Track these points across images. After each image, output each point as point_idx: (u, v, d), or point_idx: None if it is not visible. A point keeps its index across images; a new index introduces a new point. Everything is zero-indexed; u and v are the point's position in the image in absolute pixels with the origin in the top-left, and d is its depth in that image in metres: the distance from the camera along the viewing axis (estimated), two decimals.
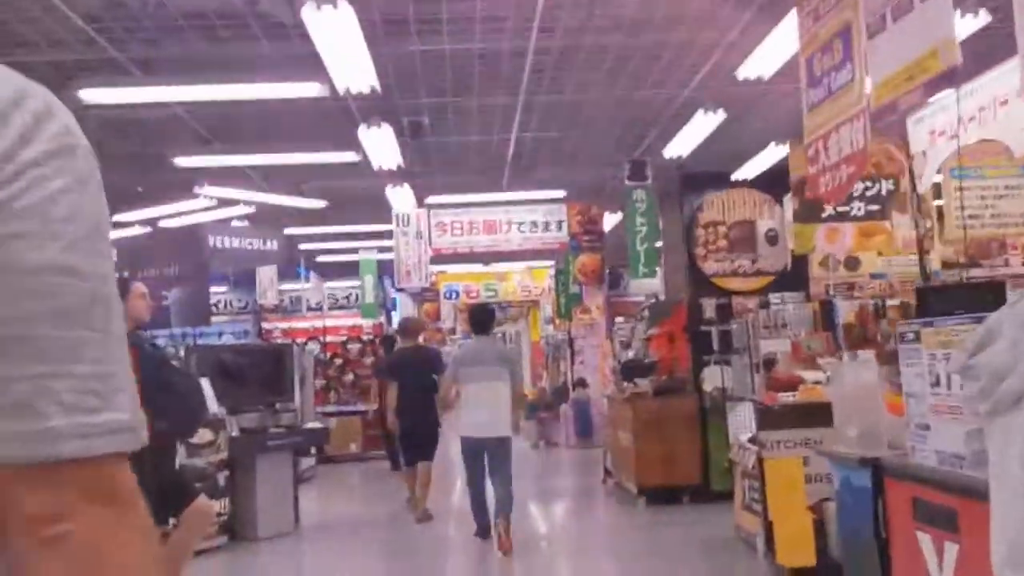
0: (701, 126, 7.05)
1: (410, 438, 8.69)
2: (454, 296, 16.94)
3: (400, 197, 9.26)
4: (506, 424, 7.34)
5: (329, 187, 9.40)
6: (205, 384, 8.25)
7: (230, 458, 7.93)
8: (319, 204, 9.45)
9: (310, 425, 9.56)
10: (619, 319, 16.69)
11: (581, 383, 15.47)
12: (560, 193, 9.55)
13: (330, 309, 15.94)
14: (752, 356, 7.07)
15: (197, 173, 8.33)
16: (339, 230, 11.61)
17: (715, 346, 9.23)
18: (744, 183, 9.39)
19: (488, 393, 7.15)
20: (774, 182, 9.39)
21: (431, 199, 9.47)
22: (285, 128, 7.38)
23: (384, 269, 14.32)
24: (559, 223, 9.86)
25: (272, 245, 9.19)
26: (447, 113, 7.29)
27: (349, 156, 7.39)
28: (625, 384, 10.25)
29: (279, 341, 15.41)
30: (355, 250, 13.22)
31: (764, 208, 9.42)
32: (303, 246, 12.94)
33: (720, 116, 6.71)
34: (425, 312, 16.90)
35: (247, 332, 16.04)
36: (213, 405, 8.06)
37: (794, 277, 9.31)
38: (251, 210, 9.54)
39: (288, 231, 10.71)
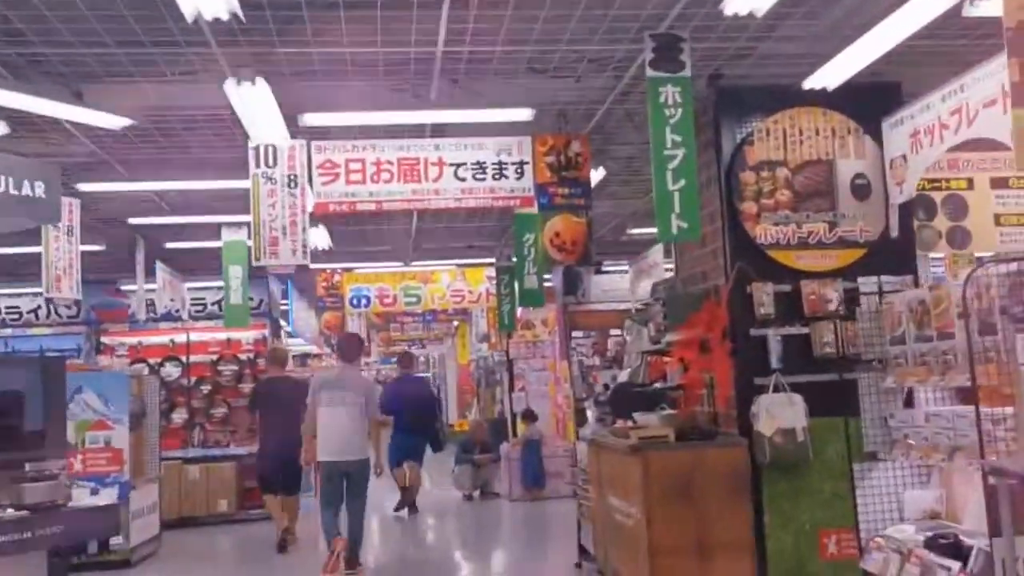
0: None
1: (273, 472, 9.01)
2: (363, 303, 13.06)
3: (254, 108, 5.47)
4: (363, 448, 7.46)
5: (130, 92, 5.57)
6: None
7: None
8: (117, 121, 5.60)
9: (86, 502, 5.59)
10: (577, 334, 13.16)
11: (529, 416, 11.79)
12: (524, 114, 5.88)
13: (195, 319, 11.93)
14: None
15: None
16: (159, 187, 7.65)
17: (775, 361, 5.73)
18: (820, 95, 5.89)
19: (346, 418, 7.31)
20: (866, 98, 5.94)
21: (310, 117, 5.72)
22: None
23: None
24: (520, 165, 6.18)
25: (38, 191, 5.27)
26: None
27: None
28: (616, 422, 6.62)
29: (128, 361, 11.39)
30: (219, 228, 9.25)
31: (848, 141, 5.92)
32: (134, 220, 8.94)
33: None
34: (325, 323, 13.05)
35: (79, 349, 11.96)
36: None
37: (897, 250, 5.86)
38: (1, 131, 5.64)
39: (85, 187, 6.80)
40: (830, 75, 5.64)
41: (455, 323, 23.01)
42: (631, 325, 6.91)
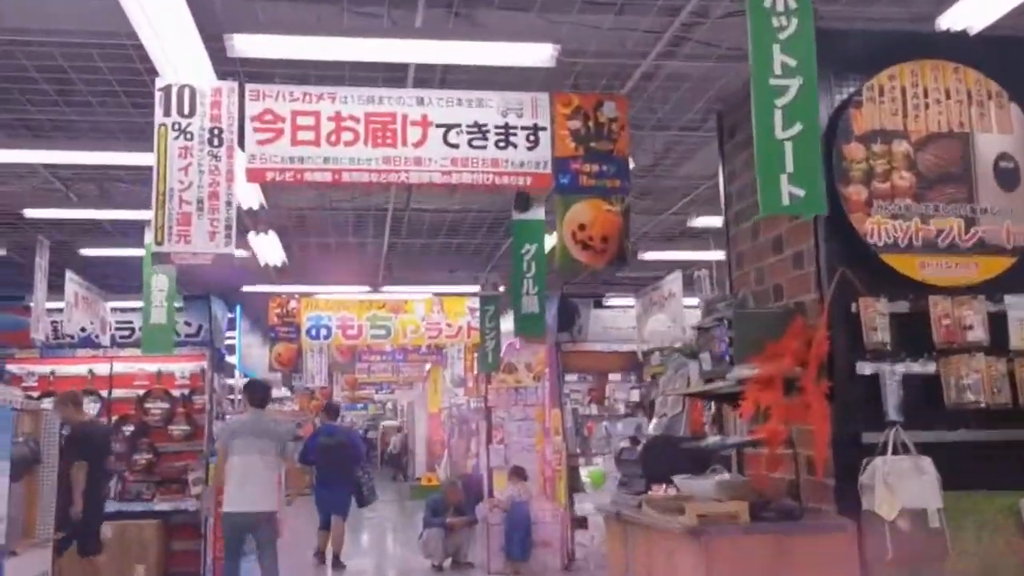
0: None
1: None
2: (323, 335, 11.22)
3: (158, 18, 3.75)
4: (272, 499, 7.28)
5: None
6: None
7: None
8: None
9: None
10: (570, 378, 11.41)
11: (518, 473, 9.99)
12: (542, 55, 4.17)
13: (120, 346, 10.07)
14: None
15: None
16: (45, 158, 5.85)
17: (893, 410, 4.08)
18: (950, 45, 4.31)
19: (261, 467, 7.14)
20: (1011, 52, 4.37)
21: (242, 41, 3.99)
22: None
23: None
24: (533, 131, 4.49)
25: None
26: None
27: None
28: (649, 488, 4.88)
29: (37, 394, 9.49)
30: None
31: (990, 108, 4.32)
32: (32, 213, 7.12)
33: None
34: (277, 357, 11.21)
35: None
36: None
37: None
38: None
39: None
40: (963, 18, 4.05)
41: (427, 366, 21.16)
42: (671, 359, 5.21)
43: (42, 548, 7.51)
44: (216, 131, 4.34)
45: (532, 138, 4.56)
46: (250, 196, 6.20)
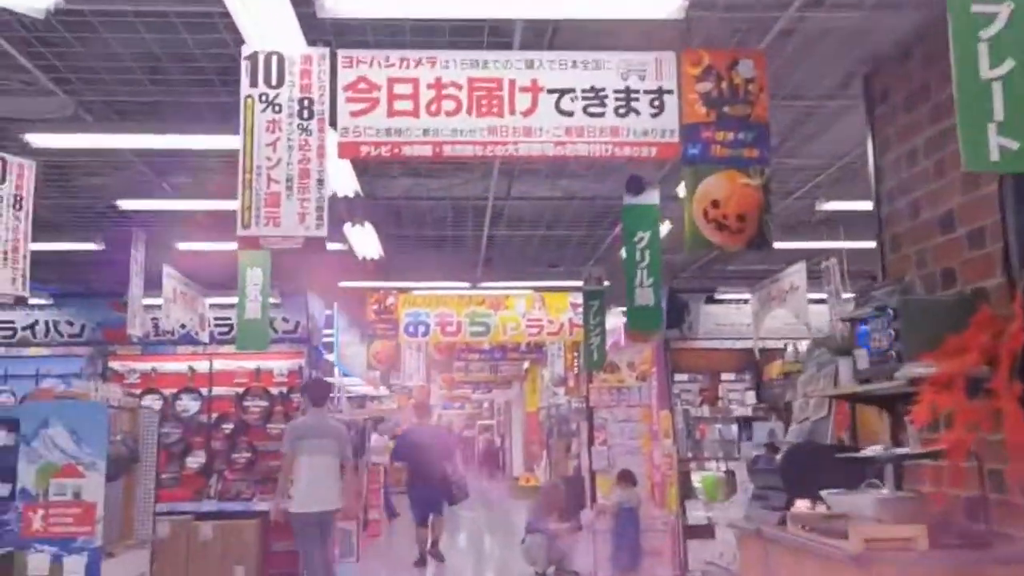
0: None
1: None
2: (421, 332, 10.88)
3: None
4: (337, 497, 7.57)
5: None
6: None
7: None
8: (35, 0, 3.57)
9: None
10: (680, 377, 10.73)
11: (627, 477, 9.41)
12: (669, 6, 3.59)
13: (219, 343, 9.91)
14: None
15: None
16: (132, 143, 5.59)
17: None
18: None
19: (327, 468, 7.44)
20: None
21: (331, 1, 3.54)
22: None
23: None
24: (658, 95, 3.93)
25: None
26: None
27: None
28: (791, 503, 4.25)
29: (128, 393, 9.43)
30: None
31: None
32: (124, 204, 6.94)
33: None
34: (374, 354, 10.92)
35: (79, 374, 10.00)
36: None
37: None
38: None
39: (38, 139, 4.89)
40: None
41: (525, 365, 20.72)
42: (813, 355, 4.57)
43: (140, 548, 7.35)
44: (306, 102, 3.94)
45: (656, 103, 4.00)
46: (344, 182, 5.83)
